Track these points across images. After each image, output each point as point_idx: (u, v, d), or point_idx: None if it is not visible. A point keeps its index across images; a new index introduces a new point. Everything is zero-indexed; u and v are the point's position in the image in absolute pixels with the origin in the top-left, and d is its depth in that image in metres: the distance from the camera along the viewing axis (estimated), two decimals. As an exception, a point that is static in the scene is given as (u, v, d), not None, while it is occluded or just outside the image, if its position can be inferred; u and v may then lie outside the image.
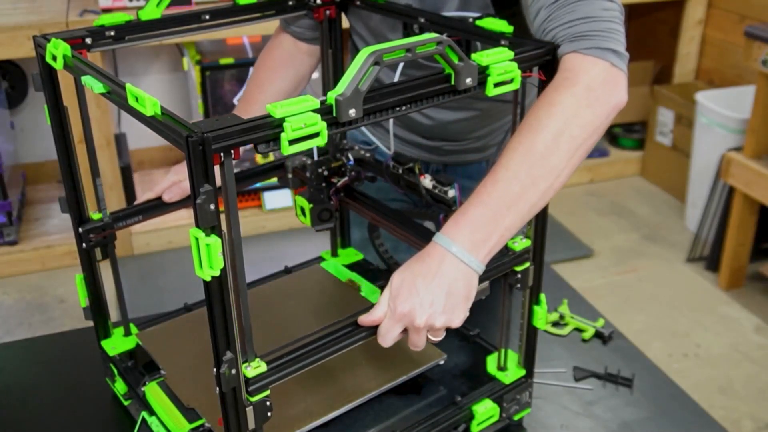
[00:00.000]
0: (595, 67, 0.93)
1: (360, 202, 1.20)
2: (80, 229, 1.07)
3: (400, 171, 1.12)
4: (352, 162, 1.20)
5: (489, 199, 0.89)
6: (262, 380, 0.84)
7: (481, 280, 0.93)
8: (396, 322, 0.89)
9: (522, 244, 1.00)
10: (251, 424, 0.84)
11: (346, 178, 1.19)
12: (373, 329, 0.91)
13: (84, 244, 1.08)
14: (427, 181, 1.07)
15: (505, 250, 0.99)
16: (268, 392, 0.84)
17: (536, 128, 0.90)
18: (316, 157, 1.19)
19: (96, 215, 1.10)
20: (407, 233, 1.08)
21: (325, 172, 1.19)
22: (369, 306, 1.19)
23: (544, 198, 0.92)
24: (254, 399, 0.83)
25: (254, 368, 0.83)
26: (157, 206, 1.20)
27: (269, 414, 0.85)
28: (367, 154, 1.21)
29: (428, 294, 0.88)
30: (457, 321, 0.91)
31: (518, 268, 1.01)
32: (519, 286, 1.03)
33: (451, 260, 0.89)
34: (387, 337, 0.90)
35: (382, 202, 1.18)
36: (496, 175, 0.90)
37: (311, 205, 1.17)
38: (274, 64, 1.33)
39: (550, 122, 0.90)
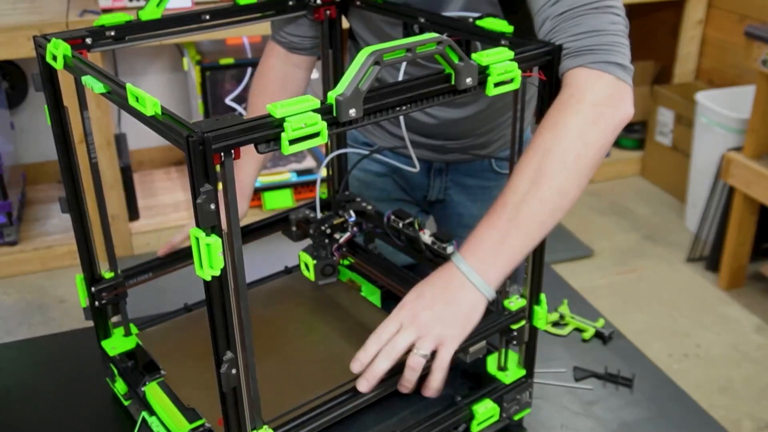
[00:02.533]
0: (600, 81, 0.93)
1: (361, 257, 1.24)
2: (93, 289, 1.10)
3: (401, 225, 1.15)
4: (353, 218, 1.23)
5: (503, 226, 0.92)
6: None
7: (478, 339, 0.99)
8: (407, 326, 0.93)
9: (518, 303, 1.04)
10: None
11: (348, 234, 1.23)
12: (378, 388, 0.96)
13: (96, 303, 1.11)
14: (426, 237, 1.11)
15: (502, 309, 1.04)
16: None
17: (544, 152, 0.92)
18: (319, 214, 1.23)
19: (108, 274, 1.12)
20: (406, 291, 1.11)
21: (328, 230, 1.22)
22: (368, 308, 1.20)
23: (554, 218, 0.94)
24: None
25: None
26: (168, 262, 1.22)
27: None
28: (369, 207, 1.25)
29: (436, 304, 0.93)
30: (462, 336, 0.95)
31: (514, 327, 1.04)
32: (515, 342, 1.06)
33: (468, 287, 0.93)
34: (397, 341, 0.93)
35: (382, 258, 1.23)
36: (506, 201, 0.93)
37: (315, 262, 1.21)
38: (270, 89, 1.34)
39: (556, 145, 0.92)
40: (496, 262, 0.93)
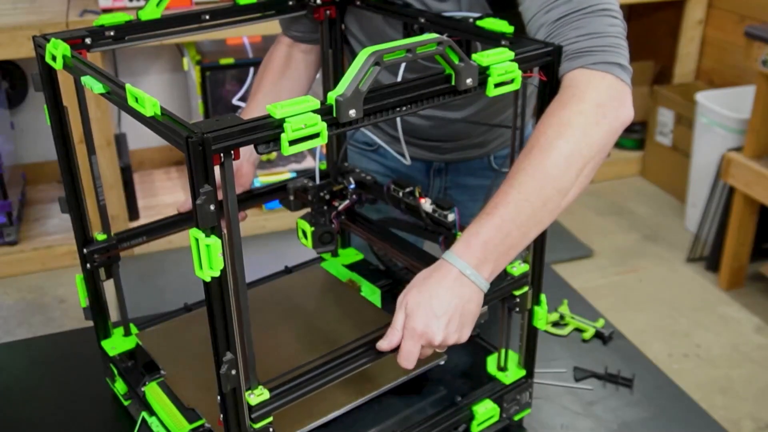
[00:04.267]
0: (603, 81, 0.93)
1: (361, 225, 1.23)
2: (84, 250, 1.08)
3: (401, 194, 1.14)
4: (353, 186, 1.21)
5: (502, 222, 0.91)
6: (264, 407, 0.85)
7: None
8: (417, 341, 0.91)
9: (521, 269, 1.02)
10: None
11: (347, 202, 1.22)
12: (370, 354, 0.94)
13: (88, 265, 1.09)
14: (427, 205, 1.09)
15: (504, 274, 1.01)
16: (271, 419, 0.86)
17: (547, 150, 0.91)
18: (318, 181, 1.21)
19: (101, 236, 1.10)
20: (408, 258, 1.11)
21: (327, 196, 1.21)
22: (368, 308, 1.20)
23: (552, 217, 0.94)
24: (257, 426, 0.84)
25: (257, 396, 0.84)
26: (162, 227, 1.21)
27: None
28: (368, 177, 1.23)
29: (444, 315, 0.91)
30: (465, 337, 0.94)
31: (517, 293, 1.03)
32: (518, 309, 1.05)
33: (464, 281, 0.91)
34: (411, 358, 0.92)
35: (382, 226, 1.20)
36: (508, 197, 0.91)
37: (312, 228, 1.19)
38: (274, 68, 1.34)
39: (560, 143, 0.91)
40: (497, 261, 0.92)
